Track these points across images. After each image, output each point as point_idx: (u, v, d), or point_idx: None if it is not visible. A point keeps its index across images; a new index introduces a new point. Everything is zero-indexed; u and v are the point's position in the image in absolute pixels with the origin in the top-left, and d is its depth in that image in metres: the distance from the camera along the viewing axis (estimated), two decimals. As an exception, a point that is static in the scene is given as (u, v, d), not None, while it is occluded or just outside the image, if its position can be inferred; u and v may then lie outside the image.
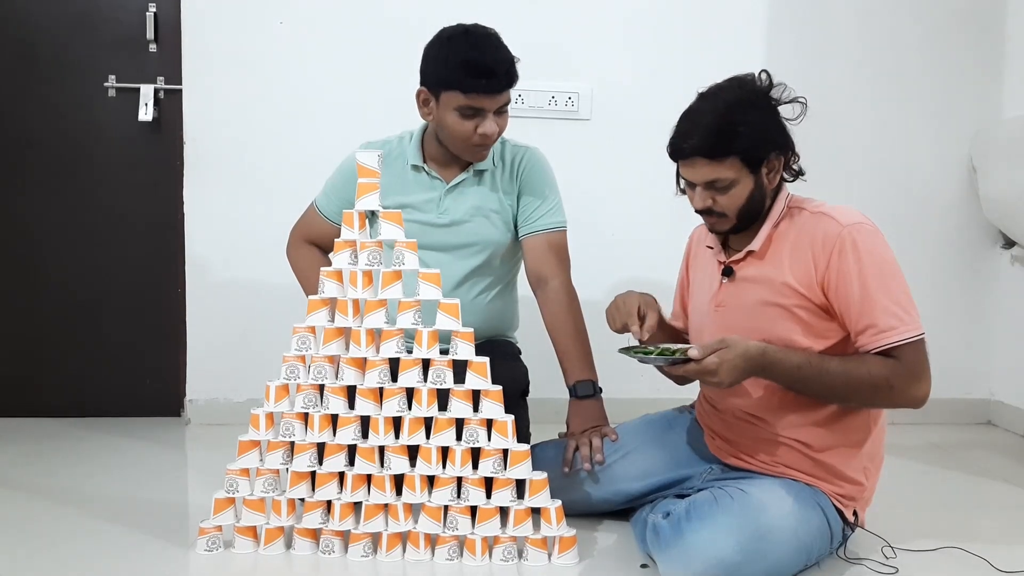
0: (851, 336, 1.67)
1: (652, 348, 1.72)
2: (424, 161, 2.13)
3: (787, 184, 1.79)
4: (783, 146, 1.72)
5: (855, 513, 1.77)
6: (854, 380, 1.63)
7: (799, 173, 1.78)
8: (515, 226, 2.15)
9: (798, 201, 1.77)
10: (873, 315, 1.62)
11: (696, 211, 1.76)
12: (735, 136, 1.66)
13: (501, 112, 2.01)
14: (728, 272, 1.79)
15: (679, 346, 1.70)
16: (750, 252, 1.75)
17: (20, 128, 2.84)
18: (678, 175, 1.77)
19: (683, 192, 1.80)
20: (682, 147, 1.69)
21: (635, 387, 2.61)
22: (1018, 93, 2.99)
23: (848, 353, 1.68)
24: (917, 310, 1.65)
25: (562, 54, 2.87)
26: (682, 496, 1.83)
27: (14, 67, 2.81)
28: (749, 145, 1.67)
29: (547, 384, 2.19)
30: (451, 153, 2.09)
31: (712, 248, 1.86)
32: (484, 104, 1.96)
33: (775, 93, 1.72)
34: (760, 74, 1.73)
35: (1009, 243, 3.03)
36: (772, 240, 1.74)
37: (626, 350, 1.72)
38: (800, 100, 1.74)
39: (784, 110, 1.74)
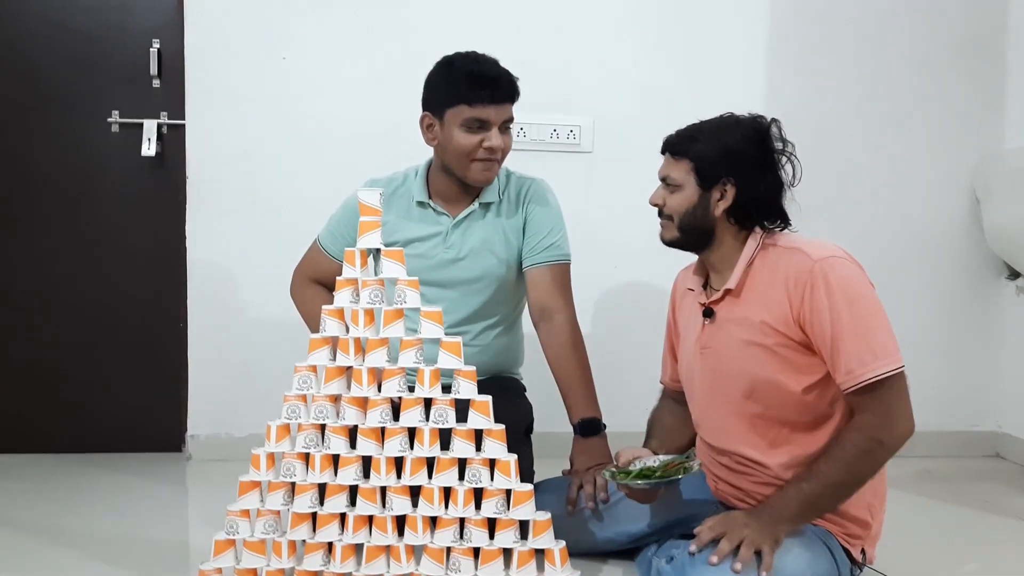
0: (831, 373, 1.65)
1: (637, 469, 1.79)
2: (429, 197, 2.12)
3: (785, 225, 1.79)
4: (743, 179, 1.72)
5: (863, 551, 1.75)
6: (849, 463, 1.60)
7: (782, 220, 1.77)
8: (520, 258, 2.14)
9: (772, 238, 1.76)
10: (846, 353, 1.59)
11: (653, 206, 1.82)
12: (696, 141, 1.73)
13: (505, 130, 2.02)
14: (709, 313, 1.78)
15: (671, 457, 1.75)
16: (727, 291, 1.75)
17: (23, 162, 2.84)
18: None
19: None
20: (664, 141, 1.80)
21: (640, 422, 2.59)
22: (1021, 122, 2.99)
23: (833, 391, 1.66)
24: (895, 343, 1.61)
25: (564, 88, 2.88)
26: (688, 536, 1.80)
27: (18, 101, 2.83)
28: (706, 156, 1.72)
29: (552, 419, 2.17)
30: (457, 187, 2.09)
31: (693, 290, 1.86)
32: (489, 115, 1.98)
33: (776, 145, 1.74)
34: (772, 119, 1.75)
35: (1014, 274, 3.02)
36: (747, 278, 1.73)
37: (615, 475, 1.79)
38: (792, 159, 1.76)
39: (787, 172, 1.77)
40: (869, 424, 1.60)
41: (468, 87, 1.97)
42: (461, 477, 1.68)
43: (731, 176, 1.72)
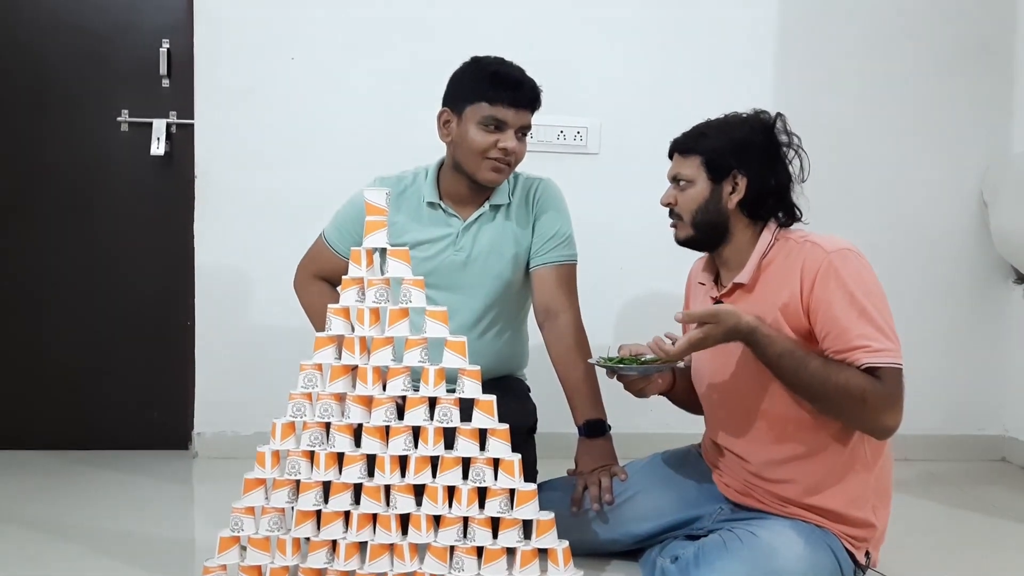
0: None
1: (631, 357, 1.76)
2: (440, 198, 2.12)
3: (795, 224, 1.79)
4: (754, 170, 1.73)
5: (867, 554, 1.74)
6: (830, 383, 1.58)
7: (793, 215, 1.78)
8: (528, 260, 2.14)
9: (784, 233, 1.77)
10: (850, 338, 1.59)
11: (664, 207, 1.83)
12: (705, 136, 1.76)
13: (520, 137, 2.02)
14: None
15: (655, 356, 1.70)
16: (738, 285, 1.75)
17: (33, 160, 2.86)
18: None
19: None
20: (671, 143, 1.82)
21: (644, 422, 2.59)
22: (1029, 127, 2.99)
23: None
24: (899, 341, 1.62)
25: (571, 89, 2.88)
26: (692, 537, 1.81)
27: (28, 100, 2.85)
28: (715, 149, 1.74)
29: (556, 419, 2.18)
30: (468, 188, 2.08)
31: (704, 284, 1.86)
32: (508, 117, 1.98)
33: (782, 138, 1.75)
34: (776, 113, 1.76)
35: (1021, 278, 3.01)
36: (760, 273, 1.74)
37: (609, 361, 1.75)
38: (800, 152, 1.76)
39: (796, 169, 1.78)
40: (874, 386, 1.57)
41: (491, 86, 1.98)
42: (465, 476, 1.69)
43: (741, 167, 1.73)
